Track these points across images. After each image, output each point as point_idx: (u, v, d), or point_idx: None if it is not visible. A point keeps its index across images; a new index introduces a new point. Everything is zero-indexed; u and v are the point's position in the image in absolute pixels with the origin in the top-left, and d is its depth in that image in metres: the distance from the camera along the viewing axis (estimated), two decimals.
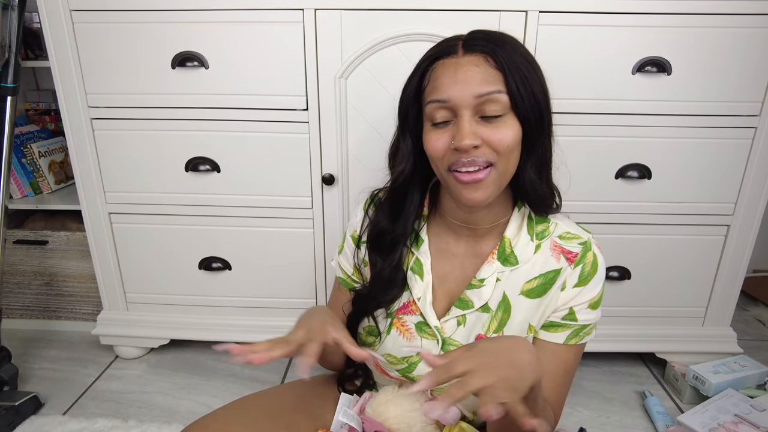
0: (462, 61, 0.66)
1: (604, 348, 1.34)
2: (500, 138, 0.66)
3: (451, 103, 0.66)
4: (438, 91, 0.67)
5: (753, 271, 1.85)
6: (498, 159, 0.67)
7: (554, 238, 0.76)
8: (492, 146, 0.66)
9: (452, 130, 0.67)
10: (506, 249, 0.76)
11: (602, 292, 0.77)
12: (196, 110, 1.18)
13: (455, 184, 0.69)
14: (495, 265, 0.76)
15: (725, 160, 1.17)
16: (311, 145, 1.19)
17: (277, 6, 1.09)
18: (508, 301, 0.75)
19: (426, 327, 0.77)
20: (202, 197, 1.26)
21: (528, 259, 0.75)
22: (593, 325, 0.78)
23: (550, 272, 0.75)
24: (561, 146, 1.15)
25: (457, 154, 0.67)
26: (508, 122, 0.66)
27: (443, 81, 0.67)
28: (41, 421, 1.17)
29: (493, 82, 0.65)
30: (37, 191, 1.54)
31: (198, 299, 1.37)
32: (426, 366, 0.76)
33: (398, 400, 0.79)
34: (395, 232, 0.78)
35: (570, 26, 1.08)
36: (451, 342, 0.77)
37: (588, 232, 0.78)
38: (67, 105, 1.20)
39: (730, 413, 1.14)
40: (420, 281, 0.78)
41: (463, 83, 0.65)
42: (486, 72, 0.65)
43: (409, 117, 0.73)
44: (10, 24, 1.18)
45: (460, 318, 0.76)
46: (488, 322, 0.75)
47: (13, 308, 1.55)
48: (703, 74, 1.11)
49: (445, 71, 0.67)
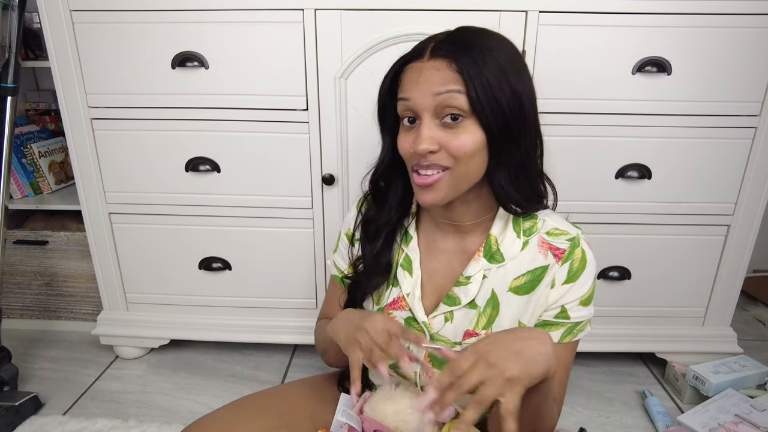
0: (426, 65, 0.68)
1: (604, 348, 1.34)
2: (458, 145, 0.67)
3: (412, 103, 0.68)
4: (403, 91, 0.70)
5: (753, 271, 1.85)
6: (455, 164, 0.68)
7: (542, 234, 0.76)
8: (450, 152, 0.67)
9: (415, 133, 0.69)
10: (492, 246, 0.76)
11: (593, 288, 0.76)
12: (197, 110, 1.18)
13: (414, 185, 0.73)
14: (481, 262, 0.76)
15: (725, 160, 1.17)
16: (311, 145, 1.19)
17: (277, 6, 1.09)
18: (496, 298, 0.76)
19: (414, 322, 0.79)
20: (202, 197, 1.26)
21: (515, 256, 0.75)
22: (586, 321, 0.77)
23: (538, 269, 0.75)
24: (561, 146, 1.16)
25: (415, 157, 0.69)
26: (469, 128, 0.67)
27: (407, 83, 0.70)
28: (41, 421, 1.17)
29: (452, 82, 0.66)
30: (37, 191, 1.54)
31: (198, 299, 1.37)
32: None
33: (396, 398, 0.79)
34: (379, 220, 0.81)
35: (570, 26, 1.08)
36: (439, 337, 0.77)
37: (578, 228, 0.77)
38: (67, 105, 1.20)
39: (730, 413, 1.14)
40: (409, 277, 0.80)
41: (423, 84, 0.67)
42: (446, 75, 0.66)
43: (387, 116, 0.76)
44: (11, 24, 1.18)
45: (448, 314, 0.77)
46: (476, 318, 0.76)
47: (13, 308, 1.55)
48: (703, 74, 1.11)
49: (411, 74, 0.69)
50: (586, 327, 0.78)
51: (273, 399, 0.87)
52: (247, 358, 1.44)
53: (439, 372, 0.58)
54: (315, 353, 0.98)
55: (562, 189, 1.19)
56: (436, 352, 0.58)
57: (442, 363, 0.76)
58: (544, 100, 1.12)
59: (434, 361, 0.77)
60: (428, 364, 0.75)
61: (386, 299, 0.81)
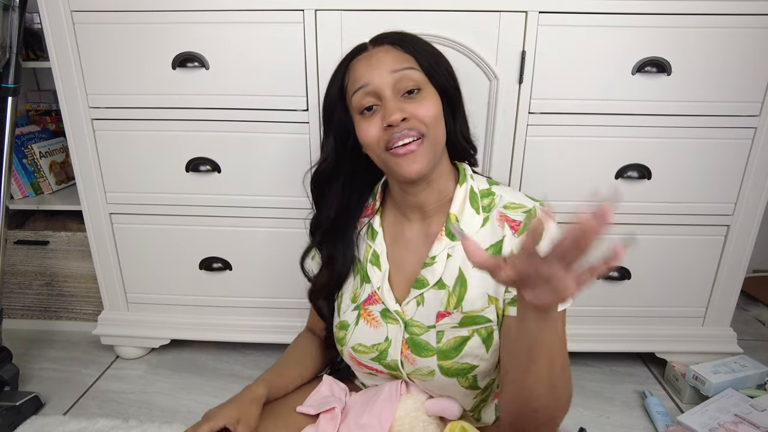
0: (373, 52, 0.76)
1: (604, 348, 1.34)
2: (425, 111, 0.72)
3: (371, 86, 0.73)
4: (358, 80, 0.74)
5: (753, 271, 1.85)
6: (427, 130, 0.73)
7: (500, 209, 0.78)
8: (419, 119, 0.72)
9: (380, 112, 0.73)
10: (453, 224, 0.78)
11: None
12: (197, 110, 1.18)
13: (394, 161, 0.73)
14: (444, 241, 0.78)
15: (725, 160, 1.17)
16: (311, 146, 1.19)
17: (277, 6, 1.09)
18: (463, 276, 0.77)
19: (389, 313, 0.81)
20: (202, 197, 1.26)
21: (476, 232, 0.77)
22: None
23: (498, 242, 0.76)
24: (561, 146, 1.16)
25: (389, 131, 0.72)
26: (428, 95, 0.74)
27: (360, 71, 0.74)
28: (42, 422, 1.17)
29: (405, 61, 0.74)
30: (38, 192, 1.54)
31: (198, 299, 1.37)
32: (396, 351, 0.79)
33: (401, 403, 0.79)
34: (321, 221, 0.86)
35: (570, 26, 1.08)
36: (414, 323, 0.79)
37: (536, 200, 0.78)
38: (68, 105, 1.20)
39: (730, 413, 1.14)
40: (378, 271, 0.83)
41: (378, 66, 0.73)
42: (396, 55, 0.74)
43: (333, 117, 0.80)
44: (11, 25, 1.19)
45: (419, 298, 0.79)
46: (446, 298, 0.77)
47: (14, 308, 1.55)
48: (703, 74, 1.11)
49: (360, 64, 0.75)
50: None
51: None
52: (247, 358, 1.44)
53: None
54: None
55: (563, 189, 1.20)
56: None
57: (420, 348, 0.77)
58: (545, 100, 1.14)
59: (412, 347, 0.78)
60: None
61: (362, 296, 0.84)
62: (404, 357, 0.79)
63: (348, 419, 0.80)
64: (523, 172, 1.19)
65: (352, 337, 0.82)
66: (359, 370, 0.87)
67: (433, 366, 0.77)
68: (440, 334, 0.77)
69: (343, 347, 0.84)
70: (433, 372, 0.77)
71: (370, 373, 0.85)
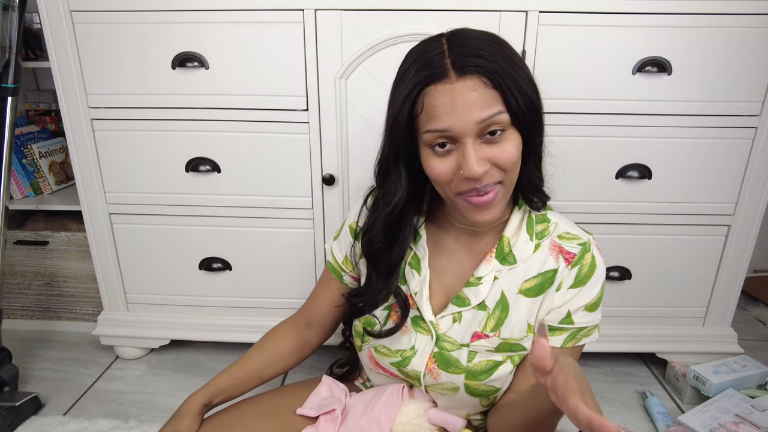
0: (457, 87, 0.62)
1: (604, 348, 1.34)
2: (507, 157, 0.65)
3: (452, 132, 0.63)
4: (435, 121, 0.64)
5: (753, 271, 1.84)
6: (505, 176, 0.66)
7: (554, 237, 0.75)
8: (499, 166, 0.65)
9: (457, 157, 0.65)
10: (505, 248, 0.75)
11: (601, 295, 0.76)
12: (197, 110, 1.18)
13: (465, 207, 0.68)
14: (493, 263, 0.75)
15: (725, 160, 1.17)
16: (311, 146, 1.19)
17: (277, 6, 1.09)
18: (506, 300, 0.75)
19: (422, 321, 0.78)
20: (202, 197, 1.26)
21: (526, 259, 0.75)
22: (592, 327, 0.77)
23: (549, 272, 0.74)
24: (561, 146, 1.16)
25: (467, 183, 0.65)
26: (510, 137, 0.65)
27: (440, 110, 0.63)
28: (42, 422, 1.17)
29: (493, 104, 0.62)
30: (37, 192, 1.54)
31: (198, 299, 1.37)
32: (420, 362, 0.77)
33: (404, 408, 0.79)
34: (392, 257, 0.77)
35: (570, 26, 1.08)
36: (446, 338, 0.76)
37: (588, 233, 0.77)
38: (68, 105, 1.20)
39: (730, 413, 1.14)
40: (417, 276, 0.78)
41: (463, 111, 0.62)
42: (484, 94, 0.62)
43: (401, 146, 0.69)
44: (11, 25, 1.18)
45: (456, 315, 0.76)
46: (485, 320, 0.75)
47: (13, 309, 1.55)
48: (703, 74, 1.11)
49: (440, 99, 0.63)
50: (593, 332, 0.77)
51: (272, 400, 0.87)
52: None
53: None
54: (315, 354, 0.98)
55: (563, 189, 1.20)
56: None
57: (448, 364, 0.76)
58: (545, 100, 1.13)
59: (440, 361, 0.76)
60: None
61: (393, 298, 0.79)
62: (428, 370, 0.77)
63: (347, 421, 0.79)
64: None
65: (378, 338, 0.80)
66: (374, 370, 0.85)
67: (459, 384, 0.75)
68: (472, 354, 0.75)
69: (364, 344, 0.82)
70: (457, 389, 0.76)
71: (384, 374, 0.83)
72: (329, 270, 0.90)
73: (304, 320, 0.94)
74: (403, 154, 0.70)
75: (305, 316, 0.94)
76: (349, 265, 0.86)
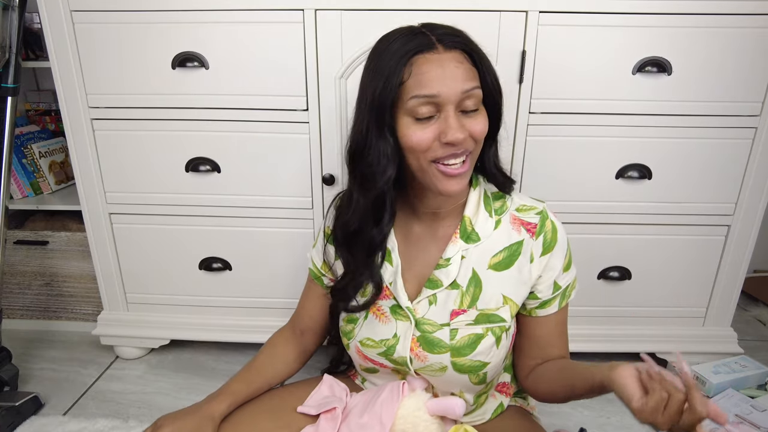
0: (445, 57, 0.68)
1: (604, 348, 1.34)
2: (480, 129, 0.71)
3: (439, 98, 0.68)
4: (424, 87, 0.68)
5: (753, 271, 1.84)
6: (474, 147, 0.73)
7: (512, 212, 0.81)
8: (473, 137, 0.71)
9: (438, 124, 0.69)
10: (467, 227, 0.80)
11: (569, 252, 0.82)
12: (197, 110, 1.18)
13: (437, 175, 0.72)
14: (459, 243, 0.79)
15: (725, 160, 1.17)
16: (311, 146, 1.19)
17: (277, 6, 1.09)
18: (477, 277, 0.79)
19: (399, 309, 0.81)
20: (202, 197, 1.26)
21: (489, 235, 0.79)
22: (573, 281, 0.84)
23: (514, 244, 0.79)
24: (561, 146, 1.16)
25: (446, 148, 0.70)
26: (482, 113, 0.73)
27: (430, 76, 0.67)
28: (42, 422, 1.17)
29: (473, 79, 0.70)
30: (37, 192, 1.54)
31: (198, 299, 1.37)
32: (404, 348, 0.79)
33: (404, 402, 0.79)
34: (372, 235, 0.79)
35: (570, 26, 1.08)
36: (425, 321, 0.79)
37: (541, 201, 0.83)
38: (68, 105, 1.20)
39: (730, 413, 1.14)
40: (390, 267, 0.82)
41: (451, 80, 0.67)
42: (468, 69, 0.69)
43: (386, 115, 0.70)
44: (11, 24, 1.18)
45: (431, 297, 0.80)
46: (459, 297, 0.79)
47: (13, 308, 1.55)
48: (703, 74, 1.11)
49: (429, 66, 0.68)
50: (575, 284, 0.84)
51: (273, 399, 0.87)
52: (247, 358, 1.43)
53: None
54: (315, 354, 0.98)
55: (563, 189, 1.20)
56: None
57: (432, 345, 0.78)
58: (545, 100, 1.13)
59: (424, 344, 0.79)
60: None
61: (370, 291, 0.83)
62: (414, 355, 0.79)
63: (349, 419, 0.80)
64: (524, 172, 1.19)
65: (361, 331, 0.83)
66: (364, 364, 0.86)
67: (446, 362, 0.78)
68: (454, 331, 0.78)
69: (350, 341, 0.85)
70: (445, 368, 0.78)
71: (374, 368, 0.85)
72: (311, 277, 0.94)
73: (298, 328, 0.97)
74: (388, 124, 0.71)
75: (298, 324, 0.97)
76: (327, 269, 0.90)
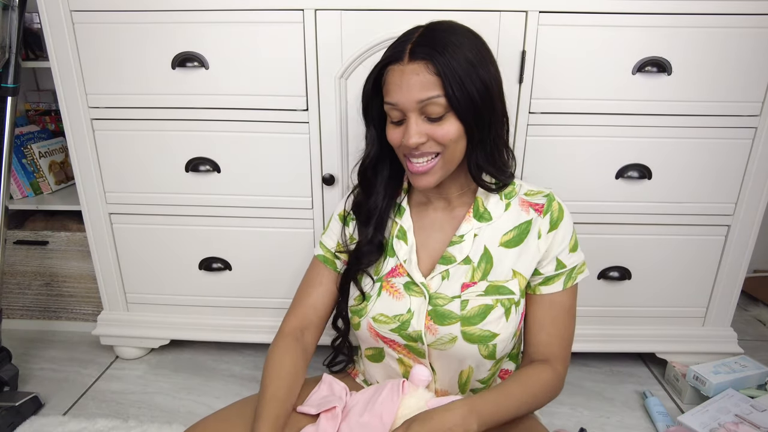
0: (406, 69, 0.74)
1: (604, 348, 1.34)
2: (443, 134, 0.75)
3: (399, 107, 0.75)
4: (389, 95, 0.77)
5: (753, 271, 1.85)
6: (444, 149, 0.77)
7: (521, 196, 0.86)
8: (437, 141, 0.76)
9: (404, 127, 0.77)
10: (480, 207, 0.85)
11: (575, 235, 0.86)
12: (197, 110, 1.18)
13: (408, 171, 0.81)
14: (472, 222, 0.85)
15: (725, 160, 1.17)
16: (311, 146, 1.19)
17: (277, 6, 1.09)
18: (489, 254, 0.83)
19: (413, 285, 0.84)
20: (202, 197, 1.26)
21: (500, 216, 0.85)
22: (581, 264, 0.86)
23: (524, 223, 0.84)
24: (561, 146, 1.16)
25: (407, 148, 0.77)
26: (449, 119, 0.75)
27: (391, 87, 0.76)
28: (41, 422, 1.17)
29: (432, 89, 0.73)
30: (37, 192, 1.54)
31: (198, 299, 1.37)
32: (419, 322, 0.82)
33: (405, 401, 0.79)
34: (369, 206, 0.88)
35: (570, 26, 1.08)
36: (438, 296, 0.82)
37: (548, 189, 0.88)
38: (68, 105, 1.20)
39: (730, 413, 1.14)
40: (405, 245, 0.86)
41: (406, 90, 0.74)
42: (425, 79, 0.73)
43: (370, 110, 0.83)
44: (11, 24, 1.18)
45: (444, 273, 0.83)
46: (470, 272, 0.82)
47: (13, 308, 1.55)
48: (703, 74, 1.11)
49: (393, 78, 0.75)
50: (584, 269, 0.87)
51: None
52: (246, 358, 1.44)
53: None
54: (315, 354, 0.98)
55: (563, 189, 1.20)
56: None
57: (443, 317, 0.81)
58: (545, 100, 1.13)
59: (435, 317, 0.81)
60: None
61: (384, 269, 0.87)
62: (427, 328, 0.82)
63: (349, 417, 0.80)
64: (524, 172, 1.19)
65: (374, 307, 0.84)
66: (374, 343, 0.87)
67: (456, 332, 0.80)
68: (465, 302, 0.81)
69: (362, 318, 0.85)
70: (455, 338, 0.80)
71: (380, 350, 0.87)
72: (322, 264, 0.94)
73: (299, 327, 0.92)
74: (373, 118, 0.83)
75: (300, 321, 0.92)
76: (342, 247, 0.93)
